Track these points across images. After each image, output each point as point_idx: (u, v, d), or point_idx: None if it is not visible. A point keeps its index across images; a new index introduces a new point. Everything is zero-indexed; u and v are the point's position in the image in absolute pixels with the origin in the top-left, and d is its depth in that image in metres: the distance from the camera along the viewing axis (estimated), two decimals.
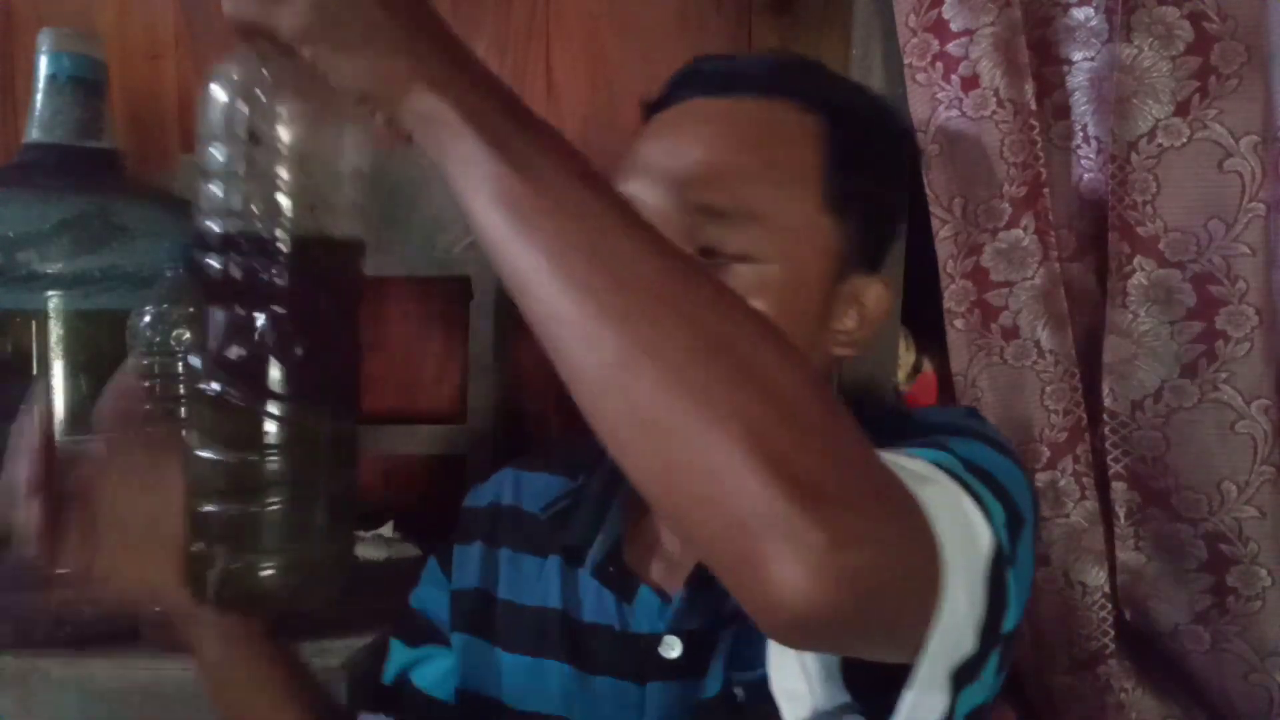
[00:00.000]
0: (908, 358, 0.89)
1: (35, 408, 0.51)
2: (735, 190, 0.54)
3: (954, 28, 0.77)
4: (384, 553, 0.99)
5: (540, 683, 0.61)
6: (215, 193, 0.43)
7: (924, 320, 0.84)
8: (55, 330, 0.77)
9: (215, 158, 0.42)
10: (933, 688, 0.40)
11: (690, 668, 0.56)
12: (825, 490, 0.32)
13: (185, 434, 0.46)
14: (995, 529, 0.42)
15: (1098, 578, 0.79)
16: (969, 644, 0.40)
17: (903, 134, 0.63)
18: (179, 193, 0.90)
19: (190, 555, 0.47)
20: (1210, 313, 0.74)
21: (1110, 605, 0.79)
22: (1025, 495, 0.48)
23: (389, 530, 1.03)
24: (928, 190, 0.79)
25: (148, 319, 0.73)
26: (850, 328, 0.58)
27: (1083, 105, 0.81)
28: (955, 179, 0.78)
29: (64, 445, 0.51)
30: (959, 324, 0.80)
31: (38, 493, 0.49)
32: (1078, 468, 0.78)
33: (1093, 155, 0.81)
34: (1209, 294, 0.74)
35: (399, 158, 0.68)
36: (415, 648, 0.66)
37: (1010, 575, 0.43)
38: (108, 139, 0.84)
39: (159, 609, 0.60)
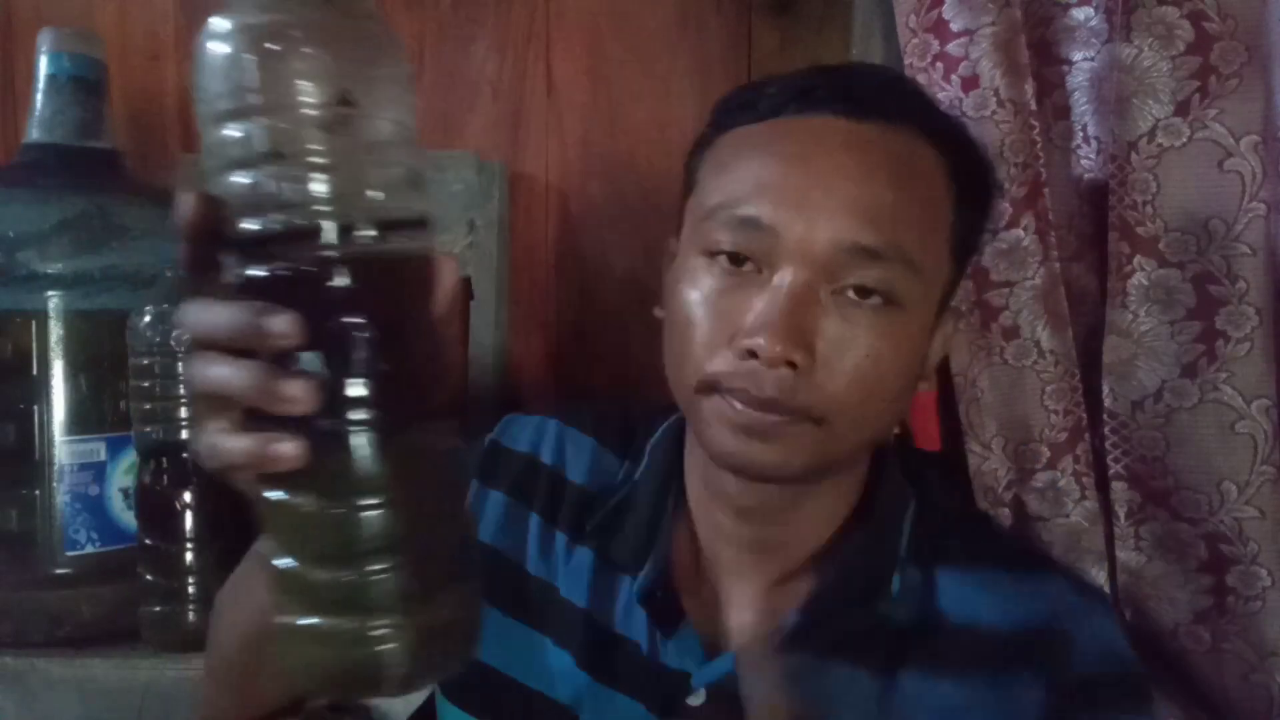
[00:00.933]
0: None
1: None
2: (891, 231, 0.50)
3: (954, 28, 0.77)
4: None
5: (550, 669, 0.59)
6: (252, 183, 0.33)
7: None
8: (55, 330, 0.77)
9: (256, 136, 0.33)
10: None
11: (712, 718, 0.55)
12: None
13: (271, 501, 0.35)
14: None
15: (1098, 578, 0.79)
16: None
17: (993, 166, 0.60)
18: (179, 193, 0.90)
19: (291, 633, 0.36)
20: (1210, 313, 0.74)
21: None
22: None
23: None
24: None
25: (148, 319, 0.73)
26: (934, 363, 0.58)
27: (1083, 105, 0.81)
28: None
29: None
30: (959, 324, 0.80)
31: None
32: (1078, 468, 0.78)
33: (1093, 155, 0.81)
34: (1209, 294, 0.74)
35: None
36: None
37: None
38: (108, 139, 0.84)
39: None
